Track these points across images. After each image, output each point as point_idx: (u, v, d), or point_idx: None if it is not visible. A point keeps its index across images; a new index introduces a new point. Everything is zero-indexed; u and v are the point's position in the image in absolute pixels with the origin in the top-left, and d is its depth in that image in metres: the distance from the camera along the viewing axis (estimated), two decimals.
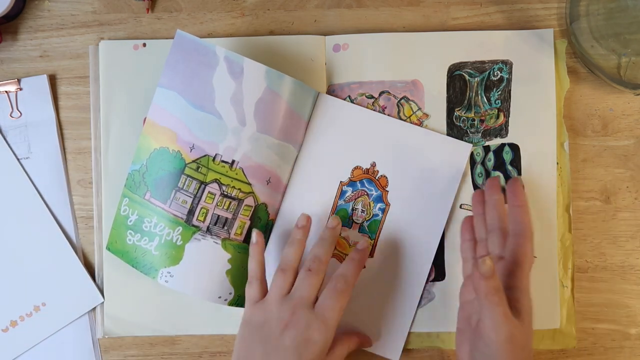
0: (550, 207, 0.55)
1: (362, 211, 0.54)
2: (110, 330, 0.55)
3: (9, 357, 0.55)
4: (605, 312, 0.56)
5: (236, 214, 0.51)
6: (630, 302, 0.56)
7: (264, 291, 0.49)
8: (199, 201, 0.50)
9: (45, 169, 0.56)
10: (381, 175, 0.54)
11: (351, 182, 0.55)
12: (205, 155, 0.50)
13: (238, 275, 0.52)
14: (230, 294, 0.52)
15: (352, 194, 0.55)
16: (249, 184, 0.51)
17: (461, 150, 0.54)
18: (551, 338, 0.55)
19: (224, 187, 0.51)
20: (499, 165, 0.55)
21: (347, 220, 0.55)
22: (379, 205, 0.54)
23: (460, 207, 0.55)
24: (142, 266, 0.51)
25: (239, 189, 0.51)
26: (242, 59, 0.50)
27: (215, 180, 0.51)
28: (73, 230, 0.56)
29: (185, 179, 0.50)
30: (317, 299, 0.47)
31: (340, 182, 0.55)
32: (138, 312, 0.55)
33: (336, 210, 0.54)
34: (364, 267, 0.54)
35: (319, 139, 0.54)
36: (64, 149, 0.56)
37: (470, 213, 0.55)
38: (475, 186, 0.55)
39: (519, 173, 0.55)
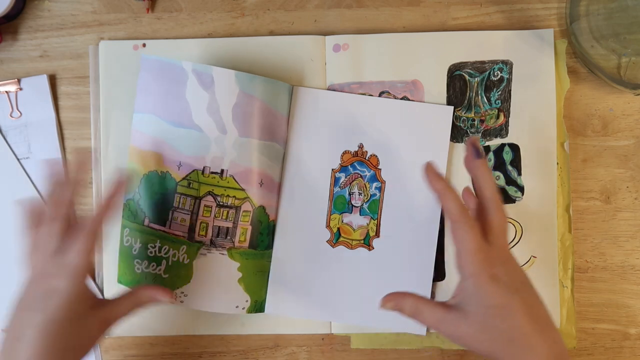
0: (550, 207, 0.55)
1: (360, 194, 0.55)
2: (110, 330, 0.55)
3: None
4: (605, 312, 0.56)
5: (236, 221, 0.52)
6: (630, 302, 0.56)
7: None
8: (197, 216, 0.51)
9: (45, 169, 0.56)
10: (371, 155, 0.55)
11: (342, 168, 0.55)
12: (194, 170, 0.51)
13: (251, 282, 0.52)
14: (246, 301, 0.52)
15: (346, 179, 0.55)
16: (242, 189, 0.52)
17: (443, 113, 0.54)
18: None
19: (218, 198, 0.51)
20: (499, 165, 0.55)
21: (346, 205, 0.55)
22: (374, 184, 0.55)
23: None
24: None
25: (234, 196, 0.51)
26: (211, 68, 0.50)
27: (209, 193, 0.51)
28: None
29: (180, 198, 0.51)
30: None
31: (332, 169, 0.55)
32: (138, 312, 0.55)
33: (333, 198, 0.55)
34: (372, 248, 0.54)
35: (303, 132, 0.55)
36: (64, 149, 0.56)
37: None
38: None
39: (519, 173, 0.55)
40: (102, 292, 0.55)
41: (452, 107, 0.54)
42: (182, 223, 0.51)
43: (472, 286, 0.41)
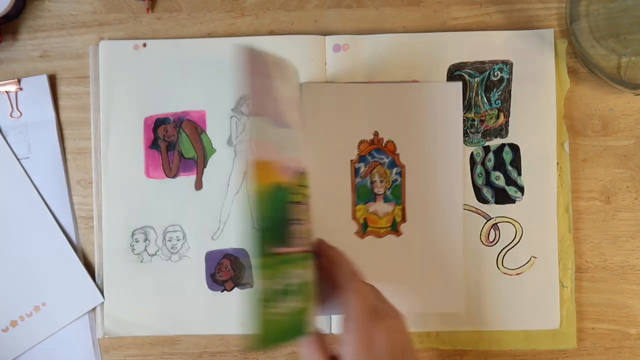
0: (550, 207, 0.55)
1: (381, 181, 0.55)
2: (110, 330, 0.55)
3: (9, 357, 0.55)
4: (605, 312, 0.56)
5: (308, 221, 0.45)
6: (630, 302, 0.56)
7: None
8: (305, 223, 0.43)
9: (45, 169, 0.56)
10: (387, 141, 0.55)
11: (361, 157, 0.55)
12: (299, 173, 0.43)
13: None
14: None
15: (366, 168, 0.55)
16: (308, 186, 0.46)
17: (453, 89, 0.55)
18: (551, 338, 0.55)
19: (309, 199, 0.45)
20: (499, 166, 0.55)
21: (369, 194, 0.55)
22: (395, 170, 0.55)
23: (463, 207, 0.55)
24: (299, 331, 0.40)
25: (307, 195, 0.45)
26: (286, 61, 0.46)
27: (306, 195, 0.45)
28: (73, 230, 0.56)
29: (293, 207, 0.42)
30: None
31: (351, 160, 0.55)
32: (138, 312, 0.55)
33: (356, 189, 0.55)
34: (400, 234, 0.54)
35: (317, 127, 0.55)
36: (64, 149, 0.56)
37: (472, 214, 0.55)
38: (475, 186, 0.55)
39: (519, 173, 0.55)
40: (102, 292, 0.55)
41: (460, 83, 0.55)
42: (300, 236, 0.42)
43: None
